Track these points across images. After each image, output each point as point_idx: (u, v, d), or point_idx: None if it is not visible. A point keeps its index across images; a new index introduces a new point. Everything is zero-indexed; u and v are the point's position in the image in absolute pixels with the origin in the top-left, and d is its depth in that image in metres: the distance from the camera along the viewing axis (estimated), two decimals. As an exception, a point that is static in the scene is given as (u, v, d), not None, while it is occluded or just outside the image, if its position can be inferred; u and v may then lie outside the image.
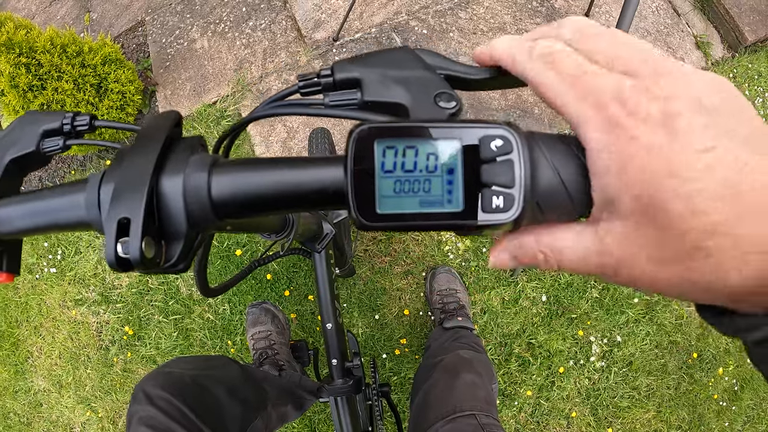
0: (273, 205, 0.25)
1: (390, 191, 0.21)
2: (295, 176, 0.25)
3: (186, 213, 0.25)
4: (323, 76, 0.27)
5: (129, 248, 0.22)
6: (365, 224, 0.21)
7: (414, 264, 1.53)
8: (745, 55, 1.78)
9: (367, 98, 0.26)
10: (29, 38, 1.39)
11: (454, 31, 1.71)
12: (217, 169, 0.25)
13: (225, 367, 0.91)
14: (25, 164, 0.34)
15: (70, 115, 0.34)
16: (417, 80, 0.26)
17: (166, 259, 0.25)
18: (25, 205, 0.28)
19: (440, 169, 0.21)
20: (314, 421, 1.47)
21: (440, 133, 0.21)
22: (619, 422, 1.49)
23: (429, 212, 0.21)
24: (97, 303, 1.66)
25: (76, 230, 0.28)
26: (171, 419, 0.71)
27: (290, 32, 1.74)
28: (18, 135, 0.34)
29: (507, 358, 1.48)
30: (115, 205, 0.23)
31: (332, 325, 0.90)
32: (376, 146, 0.21)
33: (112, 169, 0.25)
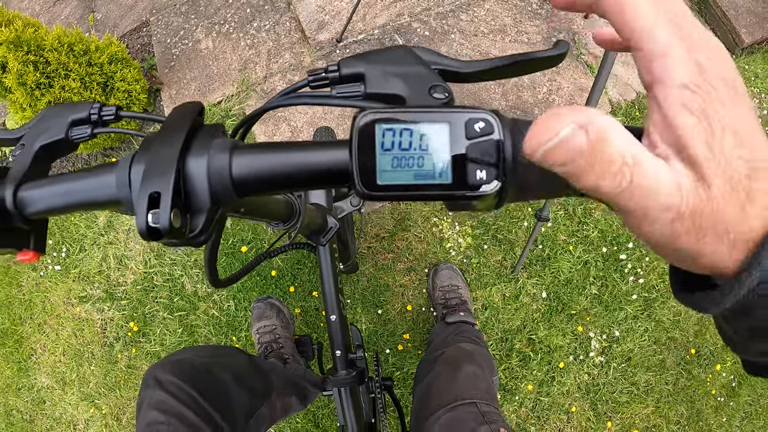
0: (287, 182, 0.29)
1: (388, 166, 0.24)
2: (307, 157, 0.28)
3: (209, 189, 0.28)
4: (330, 71, 0.31)
5: (159, 218, 0.25)
6: (367, 193, 0.24)
7: (416, 261, 1.55)
8: (742, 57, 1.81)
9: (369, 90, 0.30)
10: (37, 36, 1.41)
11: (456, 32, 1.73)
12: (237, 151, 0.28)
13: (233, 355, 0.93)
14: (54, 151, 0.37)
15: (98, 105, 0.37)
16: (414, 75, 0.29)
17: (191, 230, 0.28)
18: (55, 186, 0.31)
19: (431, 148, 0.24)
20: (318, 416, 1.48)
21: (432, 117, 0.24)
22: (619, 417, 1.51)
23: (422, 184, 0.24)
24: (101, 300, 1.67)
25: (104, 208, 0.31)
26: (181, 403, 0.72)
27: (294, 33, 1.77)
28: (47, 124, 0.37)
29: (508, 354, 1.50)
30: (147, 182, 0.26)
31: (336, 317, 0.92)
32: (377, 128, 0.24)
33: (142, 152, 0.28)
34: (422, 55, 0.31)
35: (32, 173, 0.33)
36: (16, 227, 0.32)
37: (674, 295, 0.23)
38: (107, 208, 0.32)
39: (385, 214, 1.57)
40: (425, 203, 1.57)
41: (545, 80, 1.68)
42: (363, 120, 0.24)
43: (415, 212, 1.58)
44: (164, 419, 0.70)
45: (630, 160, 0.19)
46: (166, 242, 0.28)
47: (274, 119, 1.65)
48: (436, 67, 0.30)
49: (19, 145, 0.36)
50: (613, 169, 0.19)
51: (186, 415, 0.71)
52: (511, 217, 1.58)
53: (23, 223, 0.32)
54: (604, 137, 0.18)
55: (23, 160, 0.34)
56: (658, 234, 0.20)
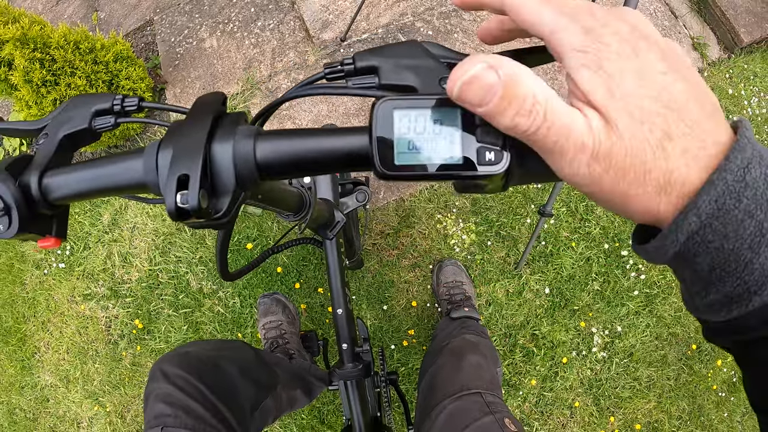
0: (309, 166, 0.31)
1: (405, 148, 0.26)
2: (328, 142, 0.30)
3: (235, 173, 0.30)
4: (346, 64, 0.33)
5: (188, 198, 0.27)
6: (386, 173, 0.26)
7: (421, 257, 1.56)
8: (741, 56, 1.83)
9: (383, 82, 0.32)
10: (43, 34, 1.42)
11: (459, 32, 1.75)
12: (260, 137, 0.30)
13: (239, 349, 0.94)
14: (78, 140, 0.38)
15: (120, 96, 0.39)
16: (424, 67, 0.31)
17: (216, 210, 0.30)
18: (81, 172, 0.33)
19: (444, 131, 0.26)
20: (323, 412, 1.49)
21: (444, 103, 0.26)
22: (621, 412, 1.52)
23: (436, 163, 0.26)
24: (106, 297, 1.67)
25: (130, 192, 0.33)
26: (188, 396, 0.73)
27: (298, 32, 1.78)
28: (71, 113, 0.38)
29: (512, 349, 1.51)
30: (175, 165, 0.28)
31: (342, 311, 0.93)
32: (395, 114, 0.26)
33: (168, 139, 0.30)
34: (432, 49, 0.32)
35: (56, 161, 0.35)
36: (40, 213, 0.33)
37: (633, 249, 0.26)
38: (132, 192, 0.33)
39: (389, 211, 1.58)
40: (429, 200, 1.59)
41: (547, 78, 1.70)
42: (382, 106, 0.27)
43: (419, 209, 1.59)
44: (171, 412, 0.71)
45: (541, 99, 0.21)
46: (191, 223, 0.29)
47: (279, 117, 1.66)
48: (445, 61, 0.32)
49: (43, 135, 0.37)
50: (526, 106, 0.21)
51: (193, 408, 0.72)
52: (515, 213, 1.59)
53: (47, 209, 0.33)
54: (514, 78, 0.21)
55: (47, 148, 0.35)
56: (582, 176, 0.22)
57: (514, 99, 0.21)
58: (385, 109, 0.26)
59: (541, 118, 0.21)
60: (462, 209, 1.60)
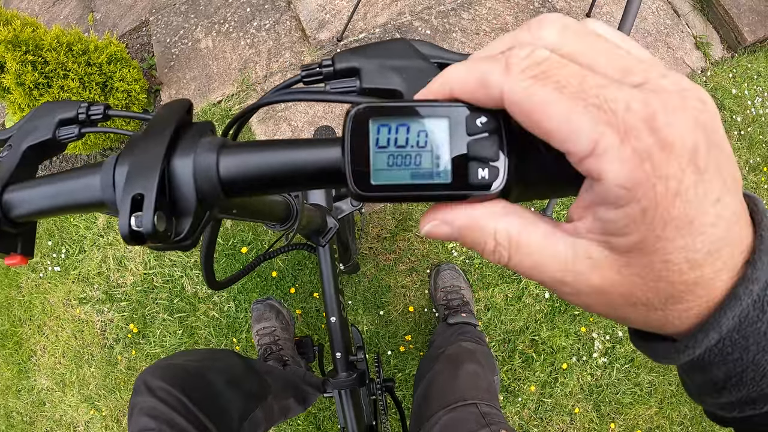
0: (277, 183, 0.27)
1: (383, 165, 0.22)
2: (298, 155, 0.26)
3: (196, 191, 0.26)
4: (325, 66, 0.30)
5: (142, 221, 0.24)
6: (361, 194, 0.23)
7: (418, 261, 1.54)
8: (744, 55, 1.80)
9: (365, 85, 0.28)
10: (35, 36, 1.40)
11: (457, 31, 1.72)
12: (225, 150, 0.27)
13: (227, 358, 0.92)
14: (42, 152, 0.36)
15: (85, 104, 0.36)
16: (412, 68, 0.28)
17: (176, 233, 0.26)
18: (41, 188, 0.30)
19: (430, 145, 0.22)
20: (319, 418, 1.47)
21: (430, 111, 0.22)
22: (622, 418, 1.50)
23: (419, 183, 0.22)
24: (101, 301, 1.66)
25: (90, 211, 0.30)
26: (171, 409, 0.72)
27: (294, 32, 1.76)
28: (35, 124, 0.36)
29: (511, 355, 1.49)
30: (130, 183, 0.25)
31: (336, 319, 0.91)
32: (371, 124, 0.23)
33: (126, 152, 0.27)
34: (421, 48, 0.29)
35: (19, 175, 0.32)
36: (3, 231, 0.31)
37: (630, 341, 0.23)
38: (93, 211, 0.30)
39: (386, 215, 1.56)
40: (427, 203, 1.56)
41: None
42: (356, 115, 0.23)
43: (417, 212, 1.57)
44: (155, 425, 0.70)
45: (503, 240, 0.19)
46: (151, 246, 0.26)
47: (275, 119, 1.64)
48: (435, 61, 0.29)
49: (7, 146, 0.35)
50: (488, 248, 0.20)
51: (176, 421, 0.71)
52: (513, 217, 1.57)
53: (9, 226, 0.30)
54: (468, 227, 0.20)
55: (10, 161, 0.33)
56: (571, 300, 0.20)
57: (474, 244, 0.20)
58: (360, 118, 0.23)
59: (505, 258, 0.20)
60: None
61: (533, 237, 0.19)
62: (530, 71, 0.17)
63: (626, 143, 0.15)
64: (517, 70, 0.17)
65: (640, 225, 0.16)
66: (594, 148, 0.16)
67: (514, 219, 0.20)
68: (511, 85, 0.17)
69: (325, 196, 0.98)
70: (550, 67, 0.17)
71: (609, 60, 0.17)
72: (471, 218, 0.20)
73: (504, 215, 0.20)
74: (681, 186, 0.15)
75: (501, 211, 0.20)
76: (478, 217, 0.20)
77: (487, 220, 0.20)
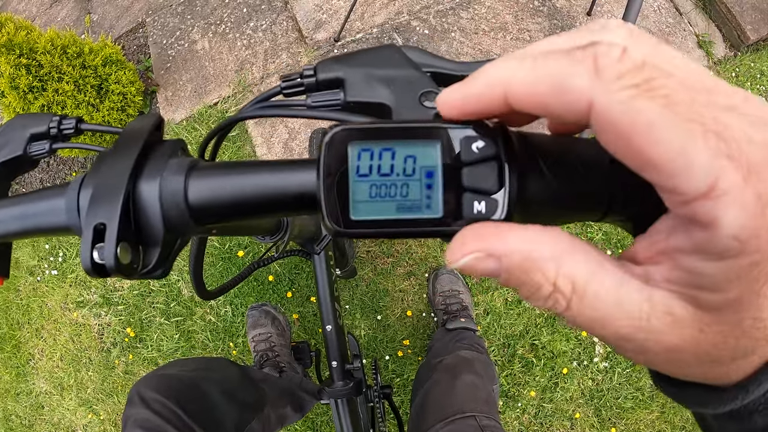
0: (250, 210, 0.25)
1: (365, 196, 0.20)
2: (272, 180, 0.24)
3: (163, 218, 0.24)
4: (306, 77, 0.27)
5: (104, 254, 0.22)
6: (338, 231, 0.20)
7: (416, 265, 1.52)
8: (747, 54, 1.77)
9: (350, 99, 0.26)
10: (30, 39, 1.39)
11: (456, 31, 1.70)
12: (194, 173, 0.25)
13: (223, 369, 0.91)
14: (13, 168, 0.34)
15: (57, 118, 0.34)
16: (402, 79, 0.25)
17: (144, 264, 0.24)
18: (7, 209, 0.28)
19: (418, 173, 0.20)
20: (317, 423, 1.46)
21: (419, 134, 0.20)
22: (623, 423, 1.48)
23: (406, 218, 0.20)
24: (98, 305, 1.66)
25: (58, 235, 0.28)
26: (165, 421, 0.71)
27: (291, 33, 1.74)
28: (6, 139, 0.34)
29: (510, 360, 1.47)
30: (92, 211, 0.23)
31: (332, 327, 0.90)
32: (350, 149, 0.20)
33: (92, 173, 0.25)
34: (412, 55, 0.27)
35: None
36: None
37: (654, 383, 0.19)
38: (61, 235, 0.28)
39: (384, 218, 1.55)
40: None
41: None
42: (332, 139, 0.20)
43: (414, 215, 1.55)
44: None
45: (567, 289, 0.15)
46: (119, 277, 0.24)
47: (271, 121, 1.62)
48: (428, 70, 0.26)
49: None
50: (540, 294, 0.16)
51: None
52: (513, 219, 1.55)
53: None
54: (521, 267, 0.15)
55: None
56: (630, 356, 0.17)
57: (521, 285, 0.16)
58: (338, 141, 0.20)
59: (562, 307, 0.16)
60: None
61: (603, 286, 0.15)
62: (630, 78, 0.13)
63: (749, 184, 0.12)
64: (612, 76, 0.13)
65: (743, 280, 0.13)
66: (712, 188, 0.13)
67: (582, 261, 0.15)
68: (606, 95, 0.13)
69: None
70: (653, 75, 0.13)
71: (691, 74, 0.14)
72: (528, 257, 0.15)
73: (570, 254, 0.15)
74: None
75: (567, 247, 0.15)
76: (537, 257, 0.15)
77: (549, 260, 0.15)
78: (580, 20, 1.74)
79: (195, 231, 0.26)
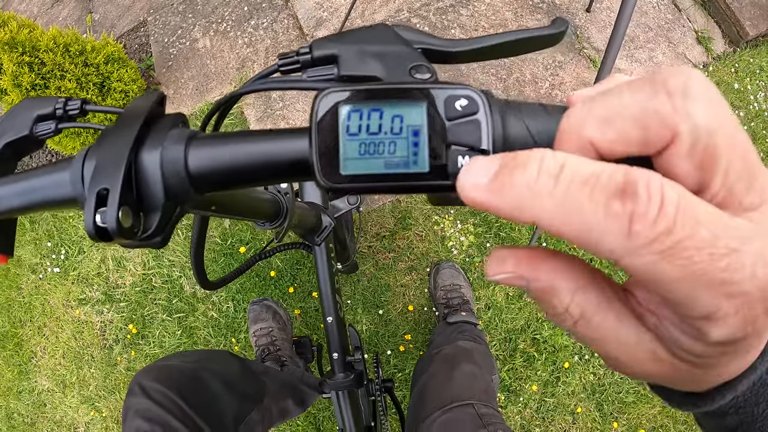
0: (247, 177, 0.26)
1: (355, 153, 0.21)
2: (268, 147, 0.25)
3: (163, 185, 0.25)
4: (302, 54, 0.28)
5: (107, 217, 0.23)
6: (329, 185, 0.21)
7: (418, 260, 1.53)
8: (746, 50, 1.78)
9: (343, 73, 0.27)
10: (32, 37, 1.40)
11: (456, 28, 1.71)
12: (194, 143, 0.26)
13: (224, 360, 0.91)
14: (20, 148, 0.35)
15: (62, 100, 0.35)
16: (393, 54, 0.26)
17: (144, 229, 0.25)
18: (14, 185, 0.29)
19: (405, 131, 0.21)
20: (319, 418, 1.46)
21: (405, 95, 0.21)
22: (625, 417, 1.48)
23: (395, 173, 0.21)
24: (100, 302, 1.66)
25: (64, 208, 0.29)
26: (166, 411, 0.71)
27: (292, 30, 1.75)
28: (13, 120, 0.35)
29: (512, 354, 1.48)
30: (95, 178, 0.24)
31: (333, 319, 0.90)
32: (341, 110, 0.21)
33: (95, 146, 0.26)
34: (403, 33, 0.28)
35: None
36: None
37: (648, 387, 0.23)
38: (67, 208, 0.29)
39: (385, 213, 1.55)
40: (426, 201, 1.55)
41: (547, 75, 1.65)
42: (323, 101, 0.21)
43: (416, 210, 1.55)
44: (149, 428, 0.69)
45: (576, 314, 0.18)
46: (120, 243, 0.25)
47: (273, 117, 1.63)
48: (419, 47, 0.27)
49: None
50: (555, 312, 0.18)
51: (171, 424, 0.71)
52: (514, 214, 1.55)
53: None
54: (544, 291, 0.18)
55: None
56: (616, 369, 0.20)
57: (541, 302, 0.18)
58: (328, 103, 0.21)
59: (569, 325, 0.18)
60: (460, 210, 1.56)
61: (606, 319, 0.18)
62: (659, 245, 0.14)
63: (740, 312, 0.15)
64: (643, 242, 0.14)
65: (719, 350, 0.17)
66: (707, 317, 0.15)
67: (593, 296, 0.18)
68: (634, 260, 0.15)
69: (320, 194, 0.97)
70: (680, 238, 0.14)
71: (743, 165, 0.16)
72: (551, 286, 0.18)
73: (584, 290, 0.18)
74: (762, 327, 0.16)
75: (584, 284, 0.18)
76: (557, 288, 0.18)
77: (566, 292, 0.18)
78: (579, 17, 1.75)
79: (194, 200, 0.27)
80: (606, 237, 0.15)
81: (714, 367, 0.18)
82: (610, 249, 0.15)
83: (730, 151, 0.16)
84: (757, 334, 0.16)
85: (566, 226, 0.15)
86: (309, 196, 0.96)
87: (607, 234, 0.15)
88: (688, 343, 0.17)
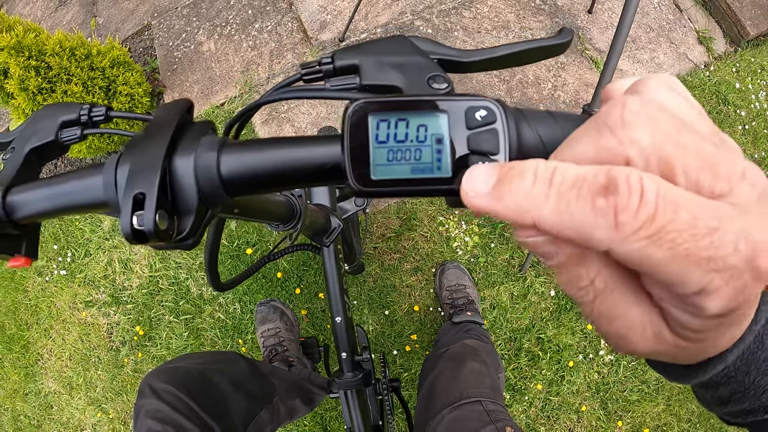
0: (279, 180, 0.27)
1: (383, 160, 0.23)
2: (298, 153, 0.27)
3: (197, 189, 0.27)
4: (324, 64, 0.30)
5: (144, 220, 0.24)
6: (362, 190, 0.23)
7: (423, 260, 1.54)
8: (747, 50, 1.79)
9: (365, 82, 0.28)
10: (38, 41, 1.41)
11: (459, 30, 1.72)
12: (225, 149, 0.27)
13: (232, 361, 0.92)
14: (45, 153, 0.36)
15: (87, 106, 0.36)
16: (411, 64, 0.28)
17: (178, 231, 0.27)
18: (44, 189, 0.30)
19: (429, 139, 0.23)
20: (326, 419, 1.47)
21: (429, 106, 0.23)
22: (629, 416, 1.49)
23: (420, 178, 0.23)
24: (107, 304, 1.67)
25: (92, 211, 0.30)
26: (177, 412, 0.72)
27: (296, 34, 1.76)
28: (38, 126, 0.36)
29: (517, 353, 1.49)
30: (131, 183, 0.25)
31: (341, 319, 0.91)
32: (370, 119, 0.23)
33: (127, 152, 0.27)
34: (420, 44, 0.29)
35: (22, 177, 0.33)
36: (7, 232, 0.31)
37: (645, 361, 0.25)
38: (96, 211, 0.31)
39: (390, 214, 1.56)
40: (431, 202, 1.56)
41: (550, 76, 1.67)
42: (355, 111, 0.23)
43: (421, 211, 1.57)
44: (161, 428, 0.70)
45: (600, 287, 0.19)
46: (154, 245, 0.27)
47: (278, 120, 1.64)
48: (435, 57, 0.29)
49: (10, 149, 0.35)
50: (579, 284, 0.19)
51: (182, 424, 0.71)
52: (518, 215, 1.56)
53: (13, 228, 0.30)
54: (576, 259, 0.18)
55: (13, 163, 0.33)
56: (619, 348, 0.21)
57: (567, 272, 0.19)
58: (359, 113, 0.23)
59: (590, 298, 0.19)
60: (465, 211, 1.57)
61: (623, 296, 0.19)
62: (644, 231, 0.15)
63: (730, 283, 0.16)
64: (630, 231, 0.16)
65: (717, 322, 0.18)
66: (700, 292, 0.16)
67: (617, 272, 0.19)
68: (624, 247, 0.16)
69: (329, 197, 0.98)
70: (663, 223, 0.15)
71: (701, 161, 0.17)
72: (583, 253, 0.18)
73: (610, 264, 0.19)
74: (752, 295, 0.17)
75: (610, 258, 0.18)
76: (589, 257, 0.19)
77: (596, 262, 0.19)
78: (581, 18, 1.76)
79: (224, 203, 0.29)
80: (596, 230, 0.16)
81: (712, 339, 0.19)
82: (602, 241, 0.16)
83: (683, 154, 0.17)
84: (748, 301, 0.17)
85: (562, 225, 0.17)
86: (317, 198, 0.97)
87: (597, 228, 0.16)
88: (688, 320, 0.18)
